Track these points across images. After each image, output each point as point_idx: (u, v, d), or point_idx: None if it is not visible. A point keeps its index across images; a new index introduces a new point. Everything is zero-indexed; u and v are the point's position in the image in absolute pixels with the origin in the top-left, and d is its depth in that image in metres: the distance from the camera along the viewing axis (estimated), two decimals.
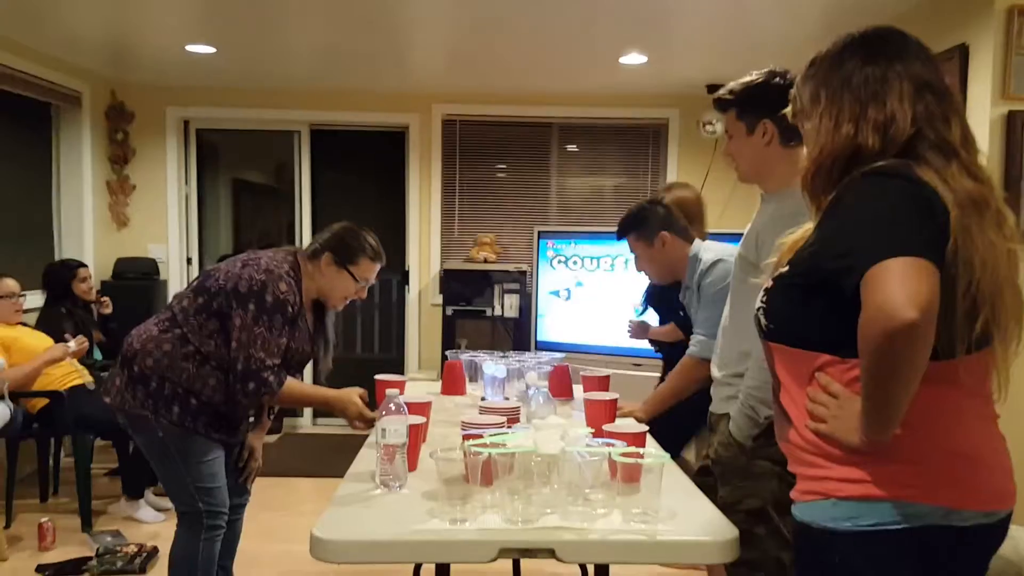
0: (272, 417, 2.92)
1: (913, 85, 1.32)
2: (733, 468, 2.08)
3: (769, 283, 1.44)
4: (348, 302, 2.65)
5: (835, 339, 1.33)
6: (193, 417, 2.45)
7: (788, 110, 1.52)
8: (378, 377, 2.57)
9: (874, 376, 1.22)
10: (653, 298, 3.66)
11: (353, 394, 2.45)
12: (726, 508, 1.79)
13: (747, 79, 2.10)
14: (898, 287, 1.15)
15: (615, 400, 2.32)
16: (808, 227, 1.42)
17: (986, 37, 3.27)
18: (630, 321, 3.71)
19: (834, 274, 1.27)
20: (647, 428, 2.03)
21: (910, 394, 1.22)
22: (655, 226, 2.91)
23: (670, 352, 3.34)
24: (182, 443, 2.46)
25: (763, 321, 1.43)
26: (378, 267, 2.63)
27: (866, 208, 1.26)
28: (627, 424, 2.01)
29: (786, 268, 1.41)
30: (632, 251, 3.00)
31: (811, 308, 1.35)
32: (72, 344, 4.06)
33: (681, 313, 3.15)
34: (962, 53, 3.38)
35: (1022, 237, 1.41)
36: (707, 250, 2.85)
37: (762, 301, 1.44)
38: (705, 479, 2.23)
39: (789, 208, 1.83)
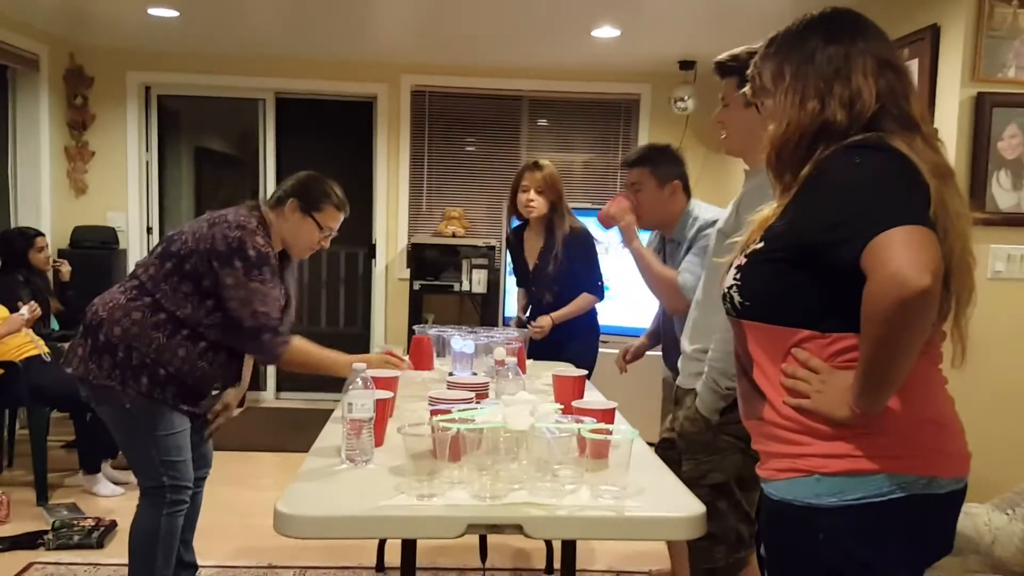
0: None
1: (875, 62, 1.35)
2: (698, 443, 2.09)
3: (742, 260, 1.42)
4: (312, 252, 2.63)
5: (815, 314, 1.33)
6: (162, 388, 2.40)
7: (747, 88, 1.52)
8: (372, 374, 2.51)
9: (883, 345, 1.21)
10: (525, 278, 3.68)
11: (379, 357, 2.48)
12: (690, 483, 1.79)
13: (756, 47, 2.05)
14: (909, 255, 1.15)
15: (583, 377, 2.31)
16: (775, 204, 1.42)
17: (957, 18, 3.28)
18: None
19: (822, 247, 1.27)
20: (616, 405, 2.02)
21: (911, 362, 1.24)
22: (673, 171, 2.81)
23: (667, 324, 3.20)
24: (149, 415, 2.40)
25: (736, 299, 1.41)
26: (342, 217, 2.60)
27: (856, 180, 1.27)
28: (596, 401, 2.00)
29: (760, 244, 1.39)
30: (632, 184, 2.82)
31: (791, 283, 1.34)
32: (25, 311, 3.96)
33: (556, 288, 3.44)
34: (933, 34, 3.39)
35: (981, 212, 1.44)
36: (704, 209, 2.79)
37: (735, 279, 1.42)
38: (667, 452, 2.24)
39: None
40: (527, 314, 3.72)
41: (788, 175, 1.39)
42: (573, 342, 3.47)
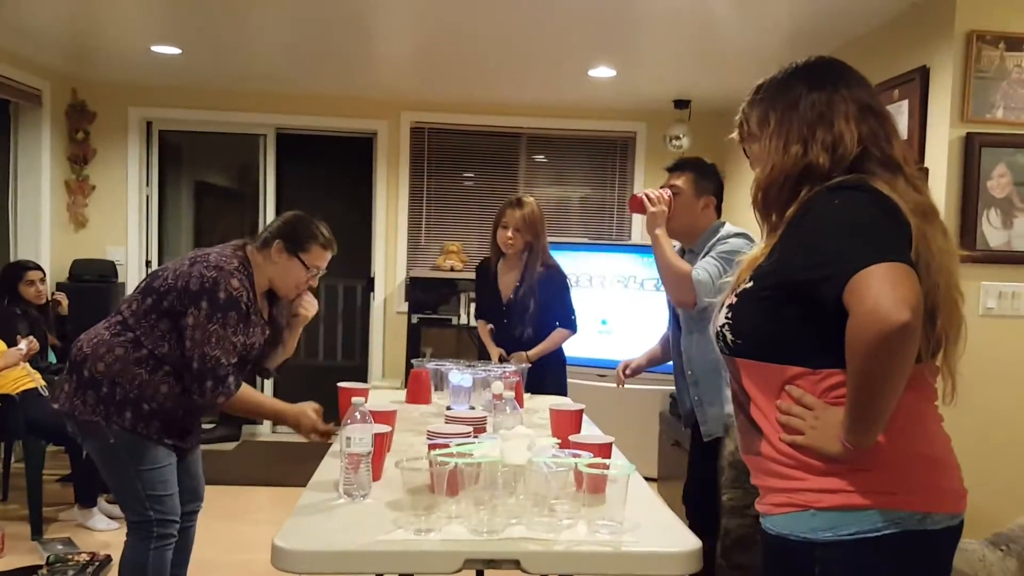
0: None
1: (857, 107, 1.41)
2: (748, 473, 2.10)
3: (733, 299, 1.45)
4: (300, 292, 2.61)
5: (807, 350, 1.36)
6: (146, 422, 2.40)
7: (735, 134, 1.58)
8: (341, 385, 2.54)
9: (866, 380, 1.24)
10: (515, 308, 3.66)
11: (307, 408, 2.42)
12: (734, 510, 1.78)
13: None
14: (888, 290, 1.19)
15: (581, 411, 2.32)
16: (763, 245, 1.47)
17: (946, 60, 3.34)
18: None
19: (809, 284, 1.31)
20: (612, 439, 2.03)
21: (897, 397, 1.26)
22: (711, 186, 2.86)
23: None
24: (134, 449, 2.40)
25: (729, 337, 1.44)
26: (329, 255, 2.58)
27: (840, 218, 1.31)
28: (593, 435, 2.01)
29: (750, 284, 1.42)
30: (671, 186, 2.84)
31: (782, 320, 1.38)
32: (23, 346, 3.97)
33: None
34: (923, 75, 3.46)
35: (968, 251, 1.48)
36: (732, 226, 2.84)
37: (727, 318, 1.45)
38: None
39: None
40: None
41: (774, 215, 1.45)
42: (549, 375, 3.54)
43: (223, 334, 2.33)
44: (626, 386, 3.20)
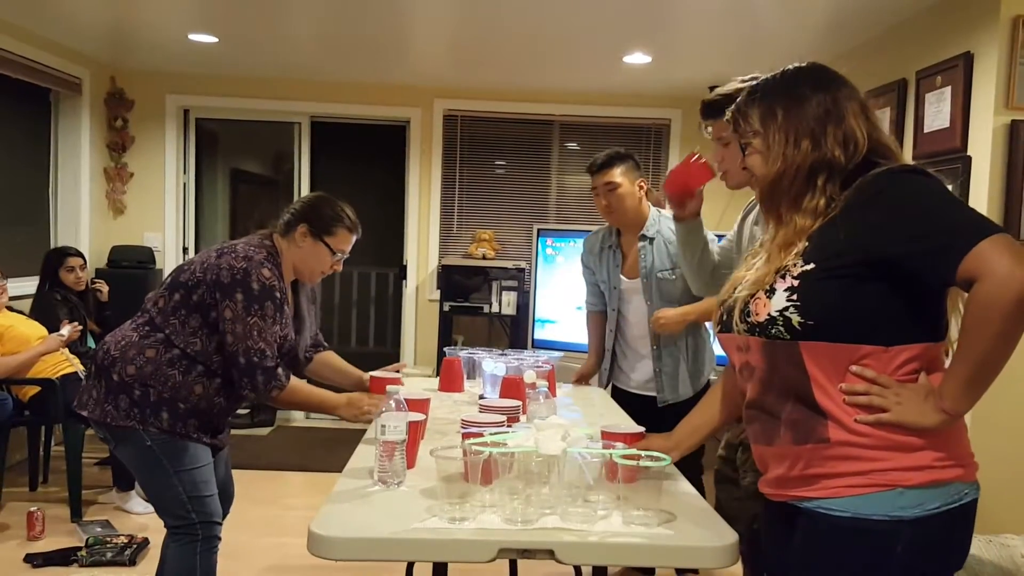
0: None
1: (859, 106, 1.50)
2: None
3: (792, 283, 1.42)
4: (324, 276, 2.54)
5: (884, 328, 1.40)
6: (183, 421, 2.33)
7: (729, 130, 1.64)
8: (373, 374, 2.54)
9: (995, 344, 1.30)
10: None
11: (360, 395, 2.40)
12: (756, 495, 1.75)
13: (745, 82, 2.07)
14: (1018, 256, 1.27)
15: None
16: (774, 233, 1.53)
17: (991, 46, 3.27)
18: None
19: (910, 256, 1.34)
20: (644, 429, 1.99)
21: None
22: (637, 168, 3.15)
23: None
24: (173, 450, 2.33)
25: (796, 320, 1.40)
26: (354, 239, 2.51)
27: (935, 196, 1.37)
28: (624, 425, 1.97)
29: (811, 266, 1.40)
30: (608, 185, 3.11)
31: (862, 298, 1.39)
32: (65, 331, 4.04)
33: None
34: (966, 61, 3.38)
35: None
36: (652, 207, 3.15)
37: (790, 300, 1.41)
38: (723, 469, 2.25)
39: None
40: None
41: (784, 207, 1.50)
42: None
43: (263, 325, 2.28)
44: None
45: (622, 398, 3.15)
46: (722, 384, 1.86)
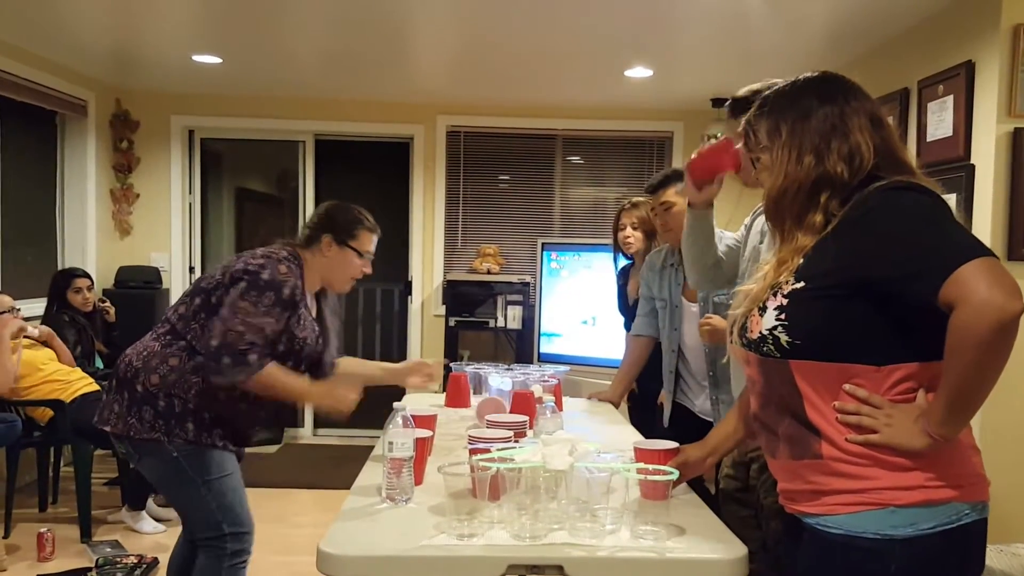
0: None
1: (869, 120, 1.45)
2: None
3: (780, 301, 1.43)
4: (354, 281, 2.55)
5: (873, 347, 1.37)
6: (208, 431, 2.32)
7: (740, 144, 1.61)
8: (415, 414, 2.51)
9: (975, 370, 1.27)
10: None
11: (335, 385, 2.40)
12: (773, 514, 1.74)
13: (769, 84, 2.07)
14: (998, 281, 1.23)
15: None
16: (778, 249, 1.50)
17: (992, 54, 3.27)
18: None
19: (892, 280, 1.32)
20: (677, 445, 1.92)
21: (993, 386, 1.30)
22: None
23: None
24: (199, 460, 2.31)
25: (784, 339, 1.41)
26: (376, 238, 2.54)
27: (922, 216, 1.34)
28: (659, 442, 1.94)
29: (799, 284, 1.40)
30: (664, 204, 3.01)
31: (848, 318, 1.37)
32: (28, 328, 3.99)
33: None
34: (968, 70, 3.38)
35: None
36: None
37: (778, 319, 1.42)
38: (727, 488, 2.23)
39: None
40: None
41: (788, 222, 1.48)
42: None
43: (252, 311, 2.24)
44: None
45: (685, 417, 3.08)
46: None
